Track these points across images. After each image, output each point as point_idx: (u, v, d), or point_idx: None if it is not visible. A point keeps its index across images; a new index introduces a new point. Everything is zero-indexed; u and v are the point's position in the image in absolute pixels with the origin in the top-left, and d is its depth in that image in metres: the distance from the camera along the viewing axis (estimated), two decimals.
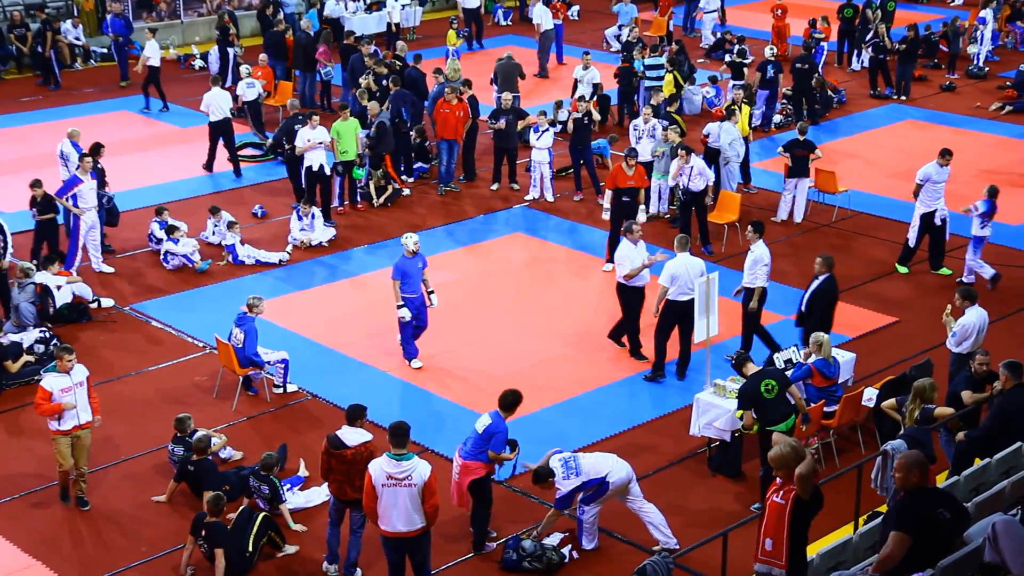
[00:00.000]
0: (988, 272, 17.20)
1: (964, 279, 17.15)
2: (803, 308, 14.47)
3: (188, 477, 12.31)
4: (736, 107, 20.54)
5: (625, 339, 15.44)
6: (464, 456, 11.43)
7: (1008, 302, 16.79)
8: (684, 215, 18.53)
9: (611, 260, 17.40)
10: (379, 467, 10.22)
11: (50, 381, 12.04)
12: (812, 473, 8.84)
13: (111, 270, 17.86)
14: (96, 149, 18.57)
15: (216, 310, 16.36)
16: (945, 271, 17.63)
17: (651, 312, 14.73)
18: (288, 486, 12.39)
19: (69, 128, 19.63)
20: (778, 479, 9.02)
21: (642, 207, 17.90)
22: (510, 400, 11.49)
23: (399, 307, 14.81)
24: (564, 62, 29.31)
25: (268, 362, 14.39)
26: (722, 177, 19.74)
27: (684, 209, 18.49)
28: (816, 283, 14.34)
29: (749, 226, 15.10)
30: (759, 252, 14.77)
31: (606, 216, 18.12)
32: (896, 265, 17.94)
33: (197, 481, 12.14)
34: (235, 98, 22.74)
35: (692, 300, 14.02)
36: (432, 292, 15.09)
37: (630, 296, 15.08)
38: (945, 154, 17.53)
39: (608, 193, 17.82)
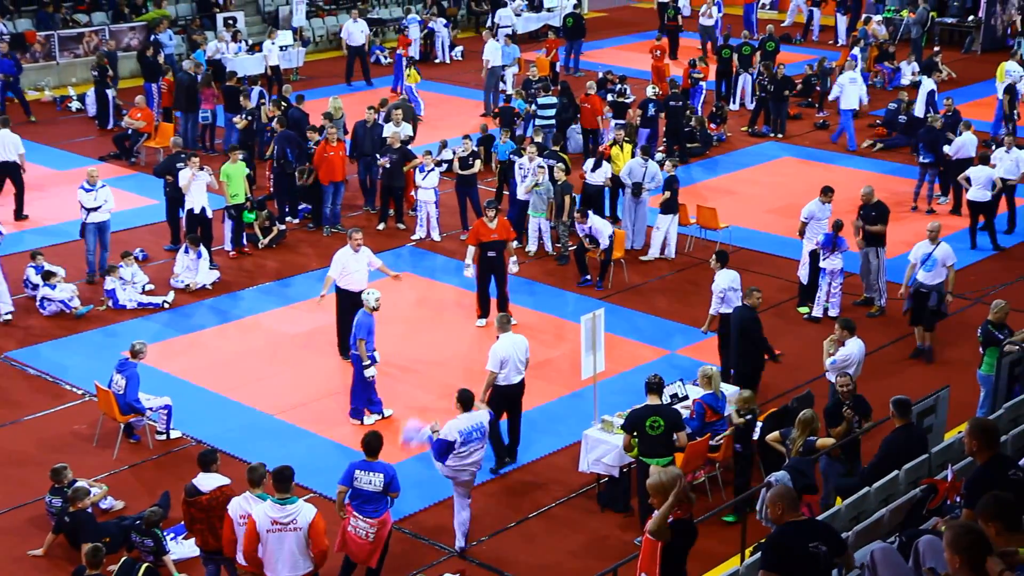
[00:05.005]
0: (817, 311, 17.60)
1: (831, 312, 17.46)
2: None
3: (66, 529, 11.95)
4: (619, 145, 20.87)
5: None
6: (379, 514, 11.03)
7: (885, 332, 17.24)
8: (580, 252, 18.76)
9: (483, 316, 17.43)
10: (263, 512, 10.06)
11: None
12: (662, 528, 8.88)
13: None
14: None
15: (95, 356, 15.96)
16: (804, 310, 17.93)
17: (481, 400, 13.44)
18: (171, 535, 12.10)
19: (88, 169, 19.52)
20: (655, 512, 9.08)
21: (513, 259, 17.53)
22: (376, 443, 11.12)
23: (367, 367, 14.26)
24: (398, 91, 28.90)
25: (150, 408, 14.08)
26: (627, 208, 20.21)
27: (581, 249, 18.72)
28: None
29: (714, 255, 15.76)
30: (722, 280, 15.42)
31: (468, 273, 17.30)
32: (797, 308, 17.98)
33: (75, 533, 11.79)
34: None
35: (521, 382, 13.60)
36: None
37: (343, 298, 15.75)
38: (827, 192, 17.90)
39: (471, 250, 17.27)
